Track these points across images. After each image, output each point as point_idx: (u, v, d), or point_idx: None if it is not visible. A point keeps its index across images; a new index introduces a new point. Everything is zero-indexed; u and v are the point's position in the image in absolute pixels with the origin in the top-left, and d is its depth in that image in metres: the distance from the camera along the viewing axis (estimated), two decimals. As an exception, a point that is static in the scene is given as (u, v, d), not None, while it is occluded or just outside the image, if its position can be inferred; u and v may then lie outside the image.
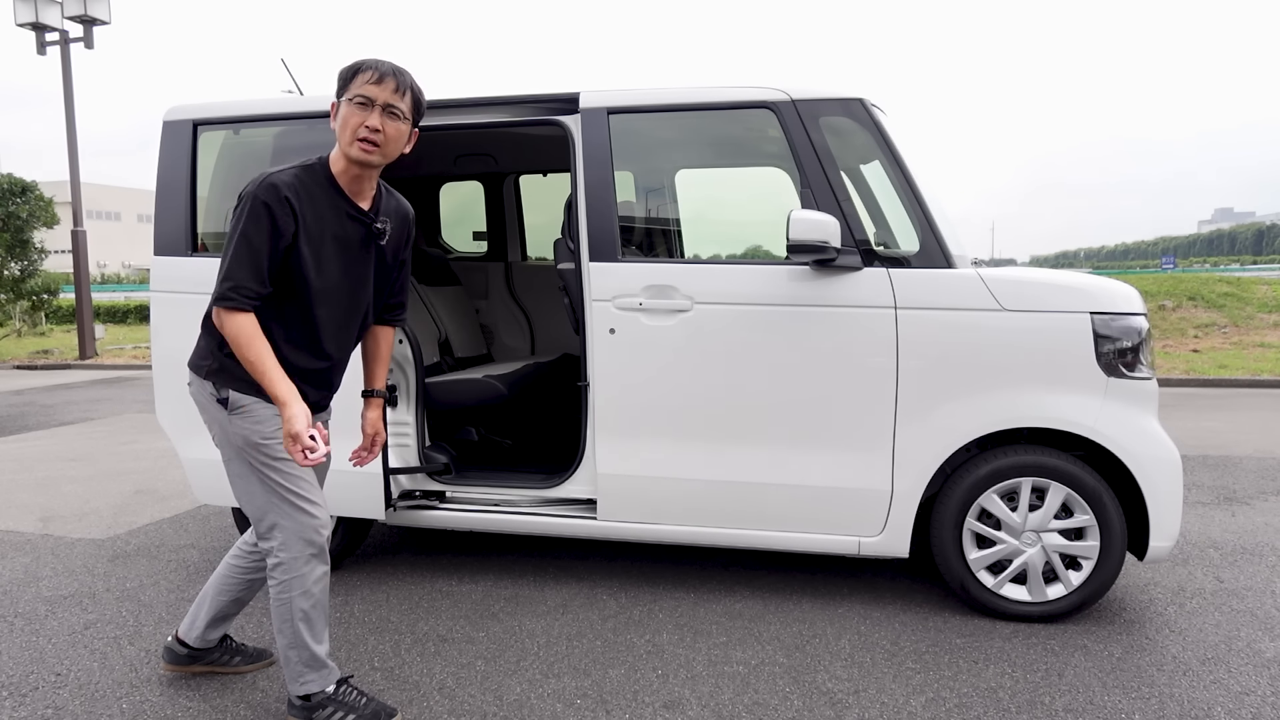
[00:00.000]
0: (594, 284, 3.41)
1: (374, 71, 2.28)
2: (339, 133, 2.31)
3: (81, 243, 14.95)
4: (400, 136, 2.34)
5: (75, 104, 14.46)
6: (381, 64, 2.31)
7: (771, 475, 3.33)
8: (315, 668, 2.47)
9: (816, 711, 2.64)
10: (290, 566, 2.40)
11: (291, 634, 2.44)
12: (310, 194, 2.31)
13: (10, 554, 4.29)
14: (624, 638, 3.19)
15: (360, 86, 2.28)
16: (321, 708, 2.45)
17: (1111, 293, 3.17)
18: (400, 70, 2.32)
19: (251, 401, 2.37)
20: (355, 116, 2.27)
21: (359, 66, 2.30)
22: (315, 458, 2.25)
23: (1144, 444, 3.10)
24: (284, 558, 2.40)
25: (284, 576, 2.41)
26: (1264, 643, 3.07)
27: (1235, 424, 7.35)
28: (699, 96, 3.37)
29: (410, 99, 2.34)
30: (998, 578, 3.26)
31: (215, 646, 2.87)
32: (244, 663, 2.92)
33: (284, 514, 2.39)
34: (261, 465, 2.38)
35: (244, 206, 2.25)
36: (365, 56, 2.36)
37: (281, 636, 2.45)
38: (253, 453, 2.38)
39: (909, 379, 3.20)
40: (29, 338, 18.08)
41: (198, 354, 2.45)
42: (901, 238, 3.30)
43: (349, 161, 2.33)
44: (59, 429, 8.13)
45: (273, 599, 2.45)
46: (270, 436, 2.37)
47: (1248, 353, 11.36)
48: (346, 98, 2.29)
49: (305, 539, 2.40)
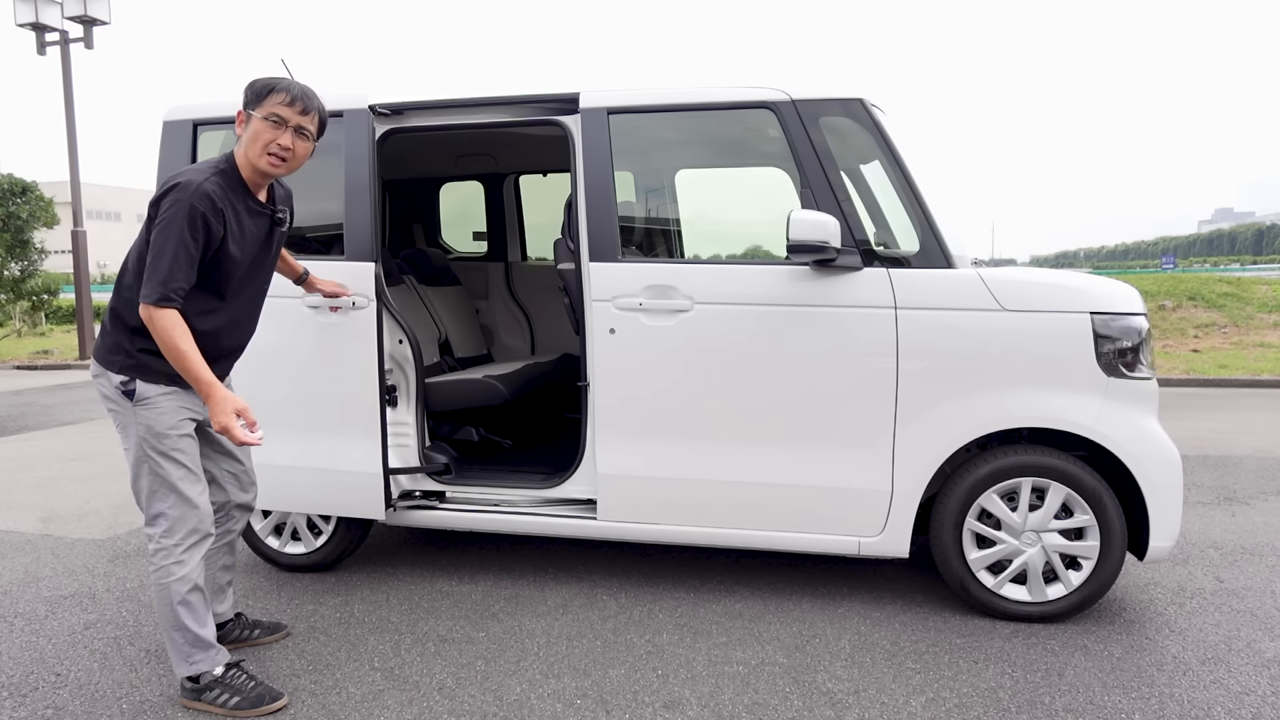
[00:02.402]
0: (594, 284, 3.41)
1: (287, 94, 2.53)
2: (248, 143, 2.54)
3: (81, 243, 14.96)
4: (306, 154, 2.64)
5: (75, 104, 14.46)
6: (293, 86, 2.54)
7: (772, 475, 3.33)
8: (201, 648, 2.62)
9: (816, 711, 2.64)
10: (170, 553, 2.57)
11: (172, 617, 2.59)
12: (229, 198, 2.52)
13: (10, 554, 4.29)
14: (624, 638, 3.19)
15: (274, 106, 2.52)
16: (209, 689, 2.61)
17: (1111, 293, 3.17)
18: (311, 94, 2.58)
19: (158, 394, 2.56)
20: (268, 133, 2.53)
21: (273, 86, 2.54)
22: (256, 435, 2.48)
23: (1144, 444, 3.10)
24: (165, 544, 2.57)
25: (163, 562, 2.57)
26: (1264, 643, 3.07)
27: (1235, 424, 7.35)
28: (699, 96, 3.37)
29: (318, 121, 2.63)
30: (998, 578, 3.26)
31: (232, 622, 3.07)
32: (264, 634, 3.13)
33: (170, 504, 2.56)
34: (155, 454, 2.55)
35: (177, 212, 2.40)
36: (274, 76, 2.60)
37: (164, 619, 2.60)
38: (152, 441, 2.55)
39: (909, 379, 3.20)
40: (29, 338, 18.09)
41: (105, 349, 2.61)
42: (901, 238, 3.30)
43: (255, 170, 2.57)
44: (59, 429, 8.13)
45: (153, 585, 2.59)
46: (171, 429, 2.56)
47: (1248, 353, 11.36)
48: (260, 114, 2.52)
49: (189, 528, 2.58)
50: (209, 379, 2.46)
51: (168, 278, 2.39)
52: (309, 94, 2.58)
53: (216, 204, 2.45)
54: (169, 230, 2.40)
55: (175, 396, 2.59)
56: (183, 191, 2.42)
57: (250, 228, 2.61)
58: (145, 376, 2.55)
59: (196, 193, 2.42)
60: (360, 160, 3.52)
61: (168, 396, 2.57)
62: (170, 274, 2.40)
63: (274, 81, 2.56)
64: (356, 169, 3.53)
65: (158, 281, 2.39)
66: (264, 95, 2.53)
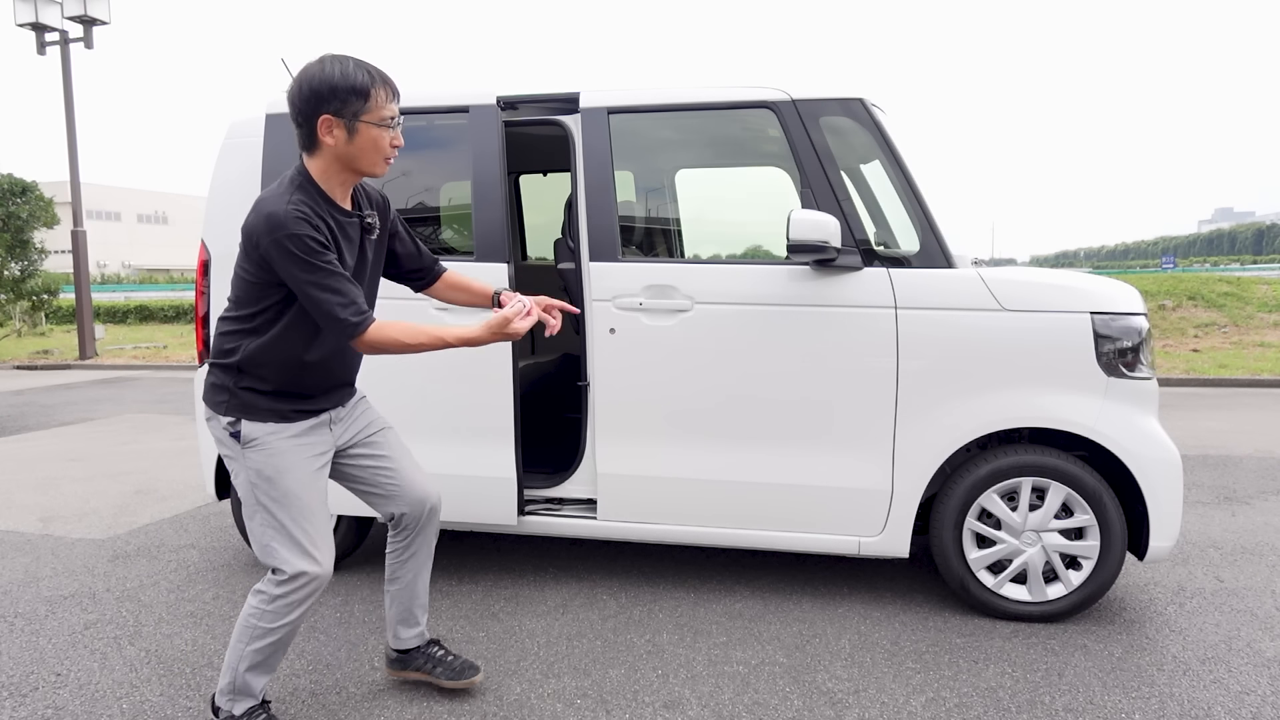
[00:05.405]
0: (594, 284, 3.41)
1: (385, 88, 2.25)
2: (362, 152, 2.25)
3: (81, 243, 14.96)
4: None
5: (75, 104, 14.45)
6: (385, 77, 2.26)
7: (772, 475, 3.33)
8: (242, 692, 2.43)
9: (816, 711, 2.64)
10: (275, 600, 2.35)
11: (239, 656, 2.40)
12: (318, 211, 2.26)
13: (10, 554, 4.29)
14: (624, 638, 3.19)
15: (384, 107, 2.25)
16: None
17: (1111, 293, 3.17)
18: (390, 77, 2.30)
19: (265, 433, 2.33)
20: (385, 137, 2.26)
21: (368, 83, 2.21)
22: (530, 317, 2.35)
23: (1144, 444, 3.10)
24: (278, 593, 2.34)
25: (264, 606, 2.36)
26: (1264, 643, 3.07)
27: (1235, 424, 7.35)
28: (699, 96, 3.37)
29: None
30: (998, 577, 3.26)
31: (418, 652, 2.81)
32: (445, 675, 2.78)
33: (284, 554, 2.33)
34: (267, 500, 2.32)
35: (286, 248, 2.14)
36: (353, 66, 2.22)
37: (238, 649, 2.40)
38: (263, 486, 2.32)
39: (909, 379, 3.20)
40: (29, 338, 18.08)
41: (210, 390, 2.39)
42: (901, 238, 3.30)
43: (353, 177, 2.32)
44: (59, 429, 8.13)
45: (247, 613, 2.39)
46: (283, 471, 2.32)
47: (1248, 352, 11.36)
48: (372, 119, 2.23)
49: (305, 580, 2.34)
50: (459, 334, 2.29)
51: (338, 305, 2.17)
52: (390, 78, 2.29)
53: (314, 221, 2.19)
54: (293, 265, 2.16)
55: (285, 435, 2.34)
56: (276, 225, 2.15)
57: (341, 238, 2.32)
58: (250, 415, 2.32)
59: (289, 218, 2.15)
60: (491, 156, 3.44)
61: (276, 436, 2.33)
62: (335, 302, 2.17)
63: (369, 77, 2.22)
64: (487, 165, 3.44)
65: (334, 316, 2.17)
66: (365, 95, 2.21)
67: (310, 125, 2.22)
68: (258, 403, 2.33)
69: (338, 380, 2.46)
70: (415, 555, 2.71)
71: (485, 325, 2.32)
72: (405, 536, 2.69)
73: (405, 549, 2.70)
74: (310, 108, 2.20)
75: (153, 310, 21.69)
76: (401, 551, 2.70)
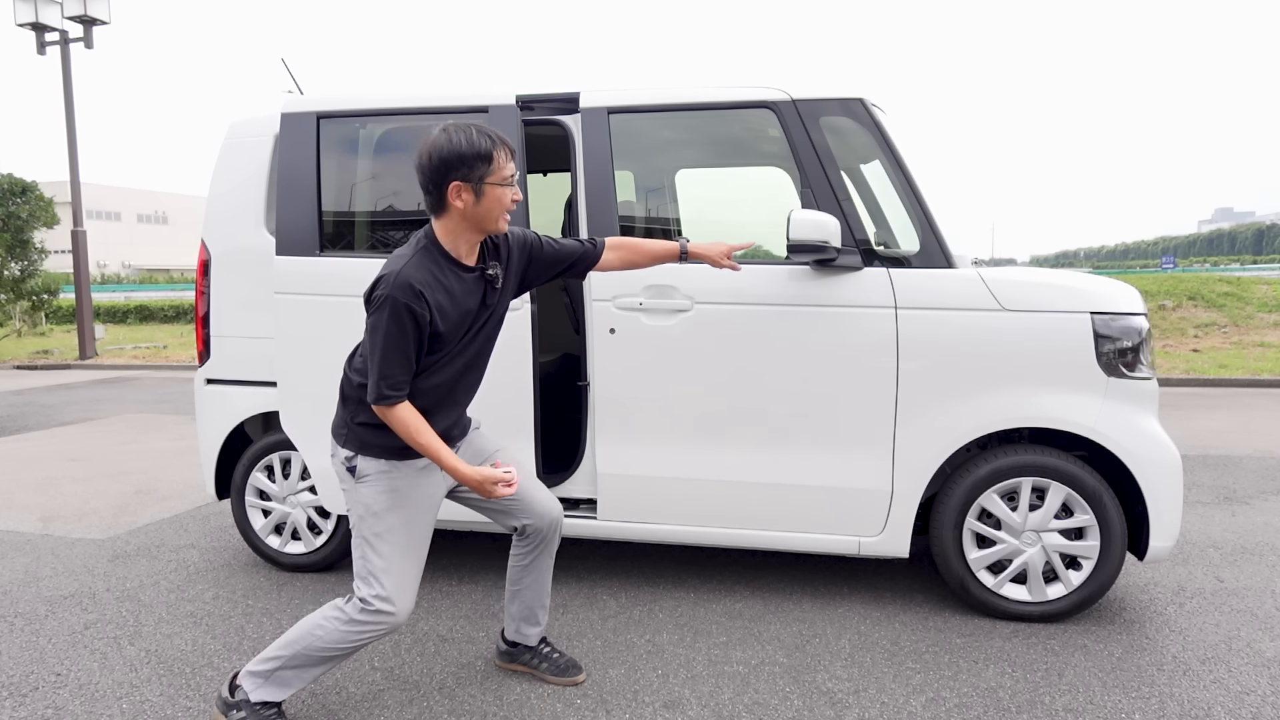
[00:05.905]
0: (594, 284, 3.41)
1: (505, 149, 2.37)
2: (487, 213, 2.37)
3: (81, 243, 14.96)
4: None
5: (75, 104, 14.45)
6: (504, 140, 2.38)
7: (772, 475, 3.33)
8: (273, 684, 2.48)
9: (816, 711, 2.64)
10: (350, 623, 2.43)
11: (293, 653, 2.46)
12: (436, 278, 2.36)
13: (10, 554, 4.29)
14: (624, 638, 3.19)
15: (505, 167, 2.36)
16: (238, 709, 2.48)
17: (1111, 293, 3.17)
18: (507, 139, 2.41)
19: (376, 471, 2.45)
20: (507, 195, 2.38)
21: (489, 148, 2.33)
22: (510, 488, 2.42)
23: (1144, 444, 3.10)
24: (361, 619, 2.43)
25: (337, 625, 2.44)
26: (1264, 643, 3.07)
27: (1235, 424, 7.35)
28: (699, 96, 3.37)
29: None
30: (998, 577, 3.26)
31: (528, 648, 2.90)
32: (550, 671, 2.87)
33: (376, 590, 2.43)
34: (370, 535, 2.45)
35: (383, 309, 2.28)
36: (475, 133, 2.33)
37: (289, 645, 2.46)
38: (369, 521, 2.45)
39: (909, 379, 3.20)
40: (29, 338, 18.09)
41: (336, 422, 2.55)
42: (902, 238, 3.30)
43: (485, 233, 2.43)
44: (59, 429, 8.13)
45: (318, 619, 2.46)
46: (387, 509, 2.45)
47: (1248, 352, 11.36)
48: (496, 181, 2.35)
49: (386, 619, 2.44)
50: (452, 463, 2.37)
51: (382, 375, 2.31)
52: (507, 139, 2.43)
53: (419, 290, 2.30)
54: (377, 329, 2.30)
55: (395, 475, 2.47)
56: (386, 285, 2.29)
57: (461, 300, 2.42)
58: (365, 451, 2.46)
59: (398, 284, 2.28)
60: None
61: (386, 475, 2.46)
62: (384, 371, 2.31)
63: (489, 143, 2.34)
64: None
65: (376, 380, 2.31)
66: (489, 160, 2.33)
67: (440, 192, 2.35)
68: (370, 438, 2.45)
69: (450, 421, 2.56)
70: (538, 561, 2.82)
71: (477, 471, 2.40)
72: (530, 545, 2.80)
73: (529, 555, 2.82)
74: (440, 175, 2.33)
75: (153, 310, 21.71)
76: (525, 557, 2.82)
